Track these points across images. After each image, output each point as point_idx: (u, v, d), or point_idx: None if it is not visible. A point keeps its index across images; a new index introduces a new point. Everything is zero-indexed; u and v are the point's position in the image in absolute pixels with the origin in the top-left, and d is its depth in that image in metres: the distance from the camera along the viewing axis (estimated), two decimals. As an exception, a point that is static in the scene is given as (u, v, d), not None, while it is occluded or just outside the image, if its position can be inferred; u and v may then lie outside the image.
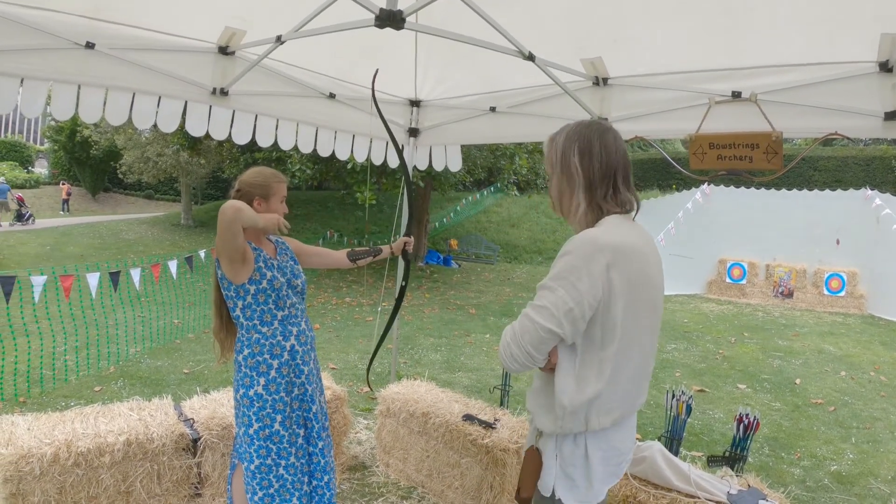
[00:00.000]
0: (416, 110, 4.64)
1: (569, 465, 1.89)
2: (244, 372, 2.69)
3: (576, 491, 1.88)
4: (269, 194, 2.75)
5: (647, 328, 1.89)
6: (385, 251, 3.34)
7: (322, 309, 10.96)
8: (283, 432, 2.68)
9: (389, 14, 2.37)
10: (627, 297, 1.76)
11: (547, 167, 2.03)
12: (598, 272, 1.72)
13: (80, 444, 2.98)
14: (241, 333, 2.72)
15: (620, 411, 1.87)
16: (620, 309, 1.76)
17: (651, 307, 1.89)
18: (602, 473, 1.89)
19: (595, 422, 1.82)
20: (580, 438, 1.87)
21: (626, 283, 1.75)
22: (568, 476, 1.89)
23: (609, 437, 1.89)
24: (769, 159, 3.13)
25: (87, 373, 6.36)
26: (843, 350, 9.03)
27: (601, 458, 1.88)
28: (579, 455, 1.88)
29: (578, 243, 1.76)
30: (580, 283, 1.72)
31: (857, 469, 4.81)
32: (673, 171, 25.20)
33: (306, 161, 13.44)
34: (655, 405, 6.15)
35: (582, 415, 1.81)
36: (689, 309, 12.22)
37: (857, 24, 2.61)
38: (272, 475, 2.66)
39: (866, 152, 23.38)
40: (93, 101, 3.17)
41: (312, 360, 2.88)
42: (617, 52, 3.31)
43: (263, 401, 2.65)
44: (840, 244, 12.54)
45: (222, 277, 2.67)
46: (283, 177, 2.84)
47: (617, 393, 1.83)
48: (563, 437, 1.89)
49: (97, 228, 22.87)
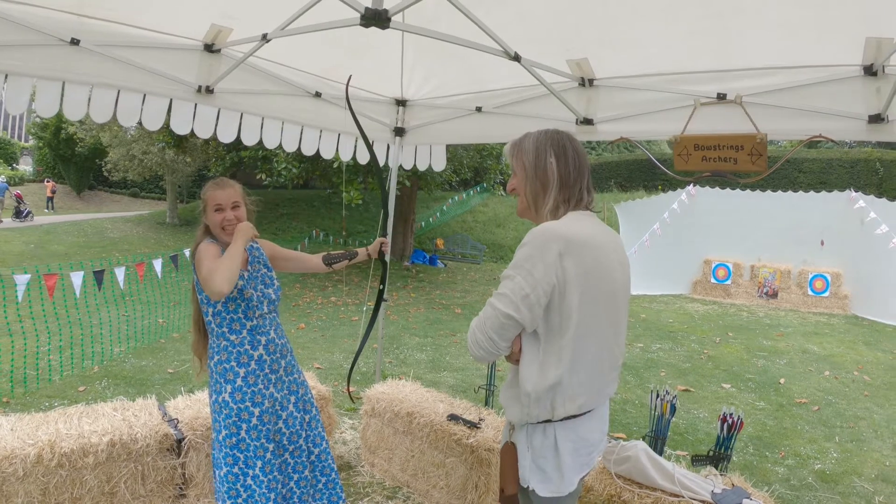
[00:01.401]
0: (402, 110, 4.63)
1: (539, 456, 1.96)
2: (214, 378, 2.70)
3: (548, 483, 1.95)
4: (205, 205, 2.77)
5: (607, 319, 1.96)
6: (361, 254, 3.32)
7: (307, 308, 10.92)
8: (250, 442, 2.65)
9: (375, 13, 2.36)
10: (583, 285, 1.84)
11: (517, 171, 2.09)
12: (551, 260, 1.81)
13: (64, 444, 2.95)
14: (212, 340, 2.72)
15: (585, 398, 1.93)
16: (576, 297, 1.83)
17: (610, 299, 1.95)
18: (572, 464, 1.96)
19: (560, 408, 1.89)
20: (549, 429, 1.94)
21: (580, 272, 1.84)
22: (540, 468, 1.96)
23: (577, 428, 1.96)
24: (754, 161, 3.15)
25: (71, 373, 6.31)
26: (826, 350, 9.11)
27: (571, 449, 1.95)
28: (549, 446, 1.95)
29: (534, 234, 1.87)
30: (535, 269, 1.81)
31: (840, 468, 4.85)
32: (658, 172, 25.31)
33: (292, 160, 13.39)
34: (640, 404, 6.19)
35: (547, 401, 1.89)
36: (675, 309, 12.29)
37: (842, 28, 2.63)
38: (239, 484, 2.62)
39: (851, 155, 23.61)
40: (77, 98, 3.13)
41: (283, 368, 2.84)
42: (603, 54, 3.32)
43: (230, 408, 2.64)
44: (824, 245, 12.66)
45: (196, 283, 2.69)
46: (221, 182, 2.80)
47: (578, 379, 1.90)
48: (532, 429, 1.96)
49: (82, 226, 22.67)
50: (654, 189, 22.87)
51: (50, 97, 3.04)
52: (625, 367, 7.62)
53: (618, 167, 27.65)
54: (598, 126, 3.66)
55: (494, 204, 25.41)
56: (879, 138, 2.95)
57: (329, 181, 14.82)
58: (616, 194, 24.35)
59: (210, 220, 2.75)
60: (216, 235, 2.75)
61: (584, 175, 2.03)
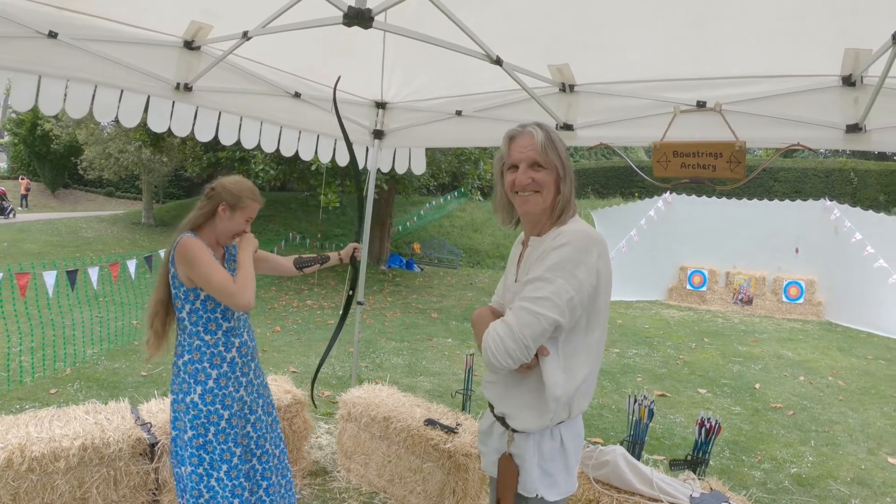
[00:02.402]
0: (382, 112, 4.60)
1: (548, 461, 1.93)
2: (182, 377, 2.61)
3: (556, 486, 1.94)
4: (236, 206, 2.65)
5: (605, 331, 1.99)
6: (333, 258, 3.28)
7: (283, 311, 10.83)
8: (217, 445, 2.60)
9: (358, 12, 2.34)
10: (607, 286, 1.86)
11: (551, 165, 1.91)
12: (592, 262, 1.80)
13: (35, 448, 2.88)
14: (184, 338, 2.64)
15: (592, 393, 1.98)
16: (604, 298, 1.86)
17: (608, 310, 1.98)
18: (575, 460, 1.98)
19: (576, 407, 1.91)
20: (556, 431, 1.93)
21: (607, 273, 1.85)
22: (548, 473, 1.93)
23: (576, 425, 1.99)
24: (732, 168, 3.18)
25: (43, 374, 6.18)
26: (801, 355, 9.23)
27: (574, 446, 1.97)
28: (557, 448, 1.93)
29: (573, 235, 1.83)
30: (578, 272, 1.77)
31: (816, 471, 4.91)
32: (636, 178, 25.54)
33: (270, 161, 13.28)
34: (617, 409, 6.22)
35: (568, 402, 1.87)
36: (651, 315, 12.38)
37: (821, 39, 2.66)
38: (203, 485, 2.57)
39: (825, 164, 23.99)
40: (54, 93, 3.06)
41: (252, 371, 2.79)
42: (584, 59, 3.32)
43: (199, 410, 2.58)
44: (799, 253, 12.84)
45: (174, 276, 2.59)
46: (261, 199, 2.76)
47: (595, 376, 1.95)
48: (541, 434, 1.92)
49: (55, 225, 22.28)
50: (630, 196, 23.06)
51: (26, 91, 2.97)
52: (601, 373, 7.66)
53: (595, 174, 27.82)
54: (577, 132, 3.67)
55: (472, 209, 25.42)
56: (857, 147, 2.99)
57: (307, 184, 14.73)
58: (593, 201, 24.50)
59: (233, 223, 2.66)
60: (221, 238, 2.69)
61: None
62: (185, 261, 2.50)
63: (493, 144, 4.50)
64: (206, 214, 2.67)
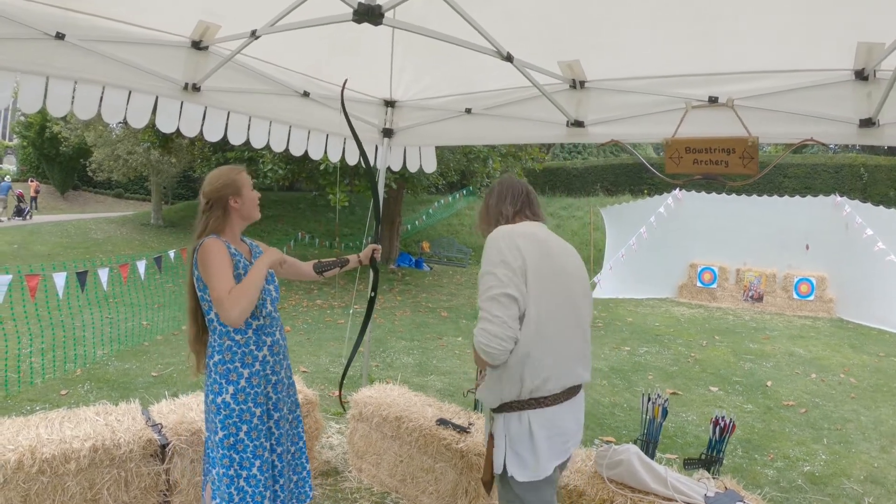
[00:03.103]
0: (391, 111, 4.59)
1: (517, 443, 2.20)
2: (213, 378, 2.60)
3: (525, 469, 2.19)
4: (239, 188, 2.67)
5: (566, 308, 2.28)
6: (353, 261, 3.25)
7: (293, 311, 10.85)
8: (248, 443, 2.60)
9: (368, 9, 2.32)
10: (538, 263, 2.20)
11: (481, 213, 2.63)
12: (512, 244, 2.21)
13: (45, 450, 2.86)
14: (214, 338, 2.62)
15: (551, 376, 2.19)
16: (532, 275, 2.17)
17: (565, 289, 2.29)
18: (548, 451, 2.20)
19: (529, 382, 2.16)
20: (524, 416, 2.19)
21: (534, 254, 2.21)
22: (517, 454, 2.20)
23: (550, 416, 2.21)
24: (745, 164, 3.15)
25: (53, 376, 6.20)
26: (812, 353, 9.17)
27: (545, 436, 2.19)
28: (524, 432, 2.19)
29: (493, 234, 2.31)
30: (505, 256, 2.19)
31: (829, 470, 4.87)
32: (645, 175, 25.43)
33: (278, 161, 13.29)
34: (628, 408, 6.18)
35: (516, 374, 2.16)
36: (661, 313, 12.33)
37: (834, 33, 2.64)
38: (233, 487, 2.57)
39: (836, 160, 23.81)
40: (61, 94, 3.05)
41: (283, 369, 2.79)
42: (594, 56, 3.30)
43: (231, 410, 2.57)
44: (809, 249, 12.75)
45: (198, 279, 2.58)
46: (241, 167, 2.78)
47: (544, 359, 2.17)
48: (509, 417, 2.21)
49: (65, 227, 22.41)
50: (640, 193, 22.94)
51: (33, 92, 2.96)
52: (612, 371, 7.63)
53: (604, 171, 27.72)
54: (588, 128, 3.64)
55: (480, 207, 25.39)
56: (870, 142, 2.96)
57: (315, 183, 14.72)
58: (602, 198, 24.42)
59: (248, 201, 2.70)
60: (251, 217, 2.73)
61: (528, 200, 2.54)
62: (202, 262, 2.52)
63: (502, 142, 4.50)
64: (221, 218, 2.66)
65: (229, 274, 2.51)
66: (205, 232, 2.64)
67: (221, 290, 2.44)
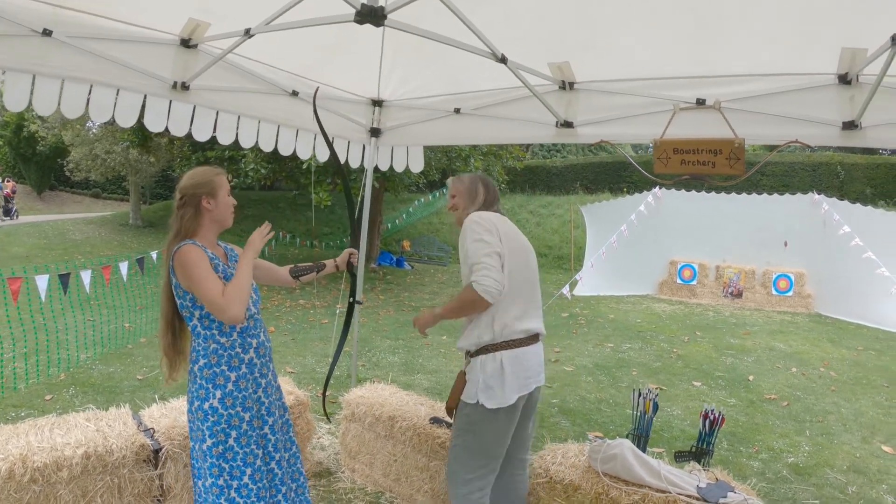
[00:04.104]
0: (379, 110, 4.60)
1: (491, 377, 2.72)
2: (199, 383, 2.55)
3: (493, 398, 2.70)
4: (214, 189, 2.64)
5: (527, 270, 2.91)
6: (329, 266, 3.24)
7: (276, 312, 10.79)
8: (238, 450, 2.55)
9: (371, 10, 2.33)
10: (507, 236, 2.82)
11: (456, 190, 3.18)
12: (490, 222, 2.81)
13: (37, 458, 2.82)
14: (198, 343, 2.58)
15: (518, 318, 2.78)
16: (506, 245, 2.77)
17: (525, 257, 2.92)
18: (513, 384, 2.72)
19: (498, 322, 2.73)
20: (497, 356, 2.73)
21: (504, 228, 2.84)
22: (489, 386, 2.71)
23: (520, 356, 2.76)
24: (731, 164, 3.21)
25: (37, 380, 6.12)
26: (793, 347, 9.31)
27: (512, 372, 2.72)
28: (497, 369, 2.71)
29: (475, 215, 2.88)
30: (489, 227, 2.78)
31: (813, 460, 4.97)
32: (624, 174, 25.61)
33: (260, 160, 13.21)
34: (614, 403, 6.25)
35: (488, 319, 2.74)
36: (642, 309, 12.44)
37: (819, 39, 2.71)
38: (223, 497, 2.52)
39: (813, 158, 24.14)
40: (48, 92, 3.01)
41: (270, 372, 2.77)
42: (584, 58, 3.34)
43: (219, 415, 2.51)
44: (788, 246, 12.93)
45: (177, 286, 2.54)
46: (221, 169, 2.75)
47: (512, 305, 2.77)
48: (485, 357, 2.75)
49: (42, 228, 22.03)
50: (619, 191, 23.05)
51: (20, 91, 2.92)
52: (597, 367, 7.70)
53: (584, 170, 27.85)
54: (578, 129, 3.68)
55: (462, 206, 25.39)
56: (852, 144, 3.05)
57: (296, 182, 14.65)
58: (582, 196, 24.51)
59: (222, 205, 2.66)
60: (224, 222, 2.70)
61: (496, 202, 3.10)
62: (181, 270, 2.47)
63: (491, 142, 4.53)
64: (193, 218, 2.62)
65: (216, 277, 2.48)
66: (179, 233, 2.60)
67: (214, 294, 2.41)
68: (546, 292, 13.78)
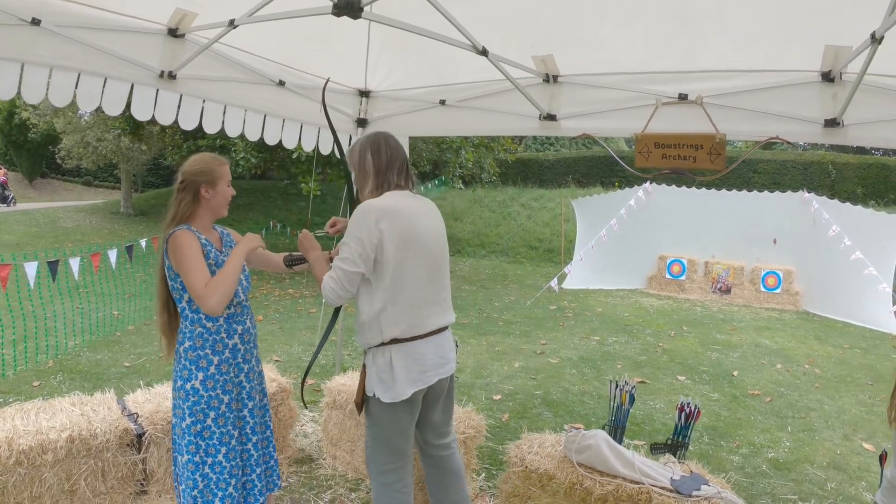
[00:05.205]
0: (365, 101, 4.61)
1: (381, 371, 2.64)
2: (183, 364, 2.63)
3: (388, 391, 2.62)
4: (214, 179, 2.71)
5: (423, 267, 2.67)
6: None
7: (265, 300, 10.81)
8: (215, 429, 2.63)
9: (347, 3, 2.36)
10: (397, 242, 2.56)
11: (351, 168, 2.85)
12: (370, 224, 2.53)
13: (22, 441, 2.87)
14: (185, 325, 2.66)
15: (407, 323, 2.62)
16: (392, 250, 2.55)
17: (425, 252, 2.67)
18: (405, 378, 2.62)
19: (387, 331, 2.60)
20: (386, 351, 2.63)
21: (394, 232, 2.56)
22: (382, 380, 2.64)
23: (408, 350, 2.64)
24: (712, 160, 3.24)
25: (25, 367, 6.14)
26: (778, 344, 9.39)
27: (402, 366, 2.62)
28: (386, 363, 2.63)
29: (356, 211, 2.61)
30: (361, 233, 2.53)
31: (793, 456, 5.02)
32: (616, 168, 25.62)
33: (251, 149, 13.21)
34: (597, 396, 6.30)
35: (377, 326, 2.61)
36: (630, 303, 12.50)
37: (802, 36, 2.73)
38: (198, 474, 2.61)
39: (804, 157, 24.25)
40: (36, 81, 3.02)
41: (254, 357, 2.85)
42: (568, 51, 3.37)
43: (199, 396, 2.60)
44: (777, 243, 13.00)
45: (169, 268, 2.61)
46: (224, 159, 2.80)
47: (398, 310, 2.60)
48: (375, 351, 2.66)
49: (33, 216, 21.93)
50: (610, 185, 23.11)
51: (9, 79, 2.92)
52: (582, 360, 7.75)
53: (575, 163, 27.88)
54: (561, 122, 3.71)
55: (453, 197, 25.37)
56: (834, 141, 3.08)
57: (287, 172, 14.65)
58: (573, 190, 24.54)
59: (220, 194, 2.73)
60: (219, 211, 2.77)
61: (394, 165, 2.74)
62: (173, 254, 2.54)
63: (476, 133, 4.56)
64: (190, 203, 2.69)
65: (203, 266, 2.54)
66: (175, 219, 2.67)
67: (198, 283, 2.48)
68: (535, 285, 13.89)
